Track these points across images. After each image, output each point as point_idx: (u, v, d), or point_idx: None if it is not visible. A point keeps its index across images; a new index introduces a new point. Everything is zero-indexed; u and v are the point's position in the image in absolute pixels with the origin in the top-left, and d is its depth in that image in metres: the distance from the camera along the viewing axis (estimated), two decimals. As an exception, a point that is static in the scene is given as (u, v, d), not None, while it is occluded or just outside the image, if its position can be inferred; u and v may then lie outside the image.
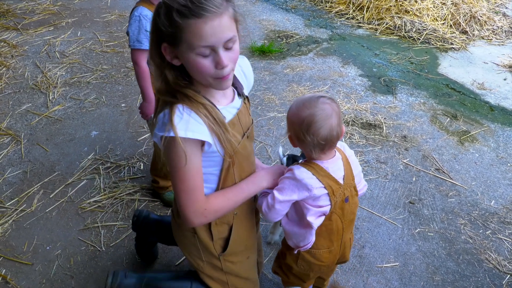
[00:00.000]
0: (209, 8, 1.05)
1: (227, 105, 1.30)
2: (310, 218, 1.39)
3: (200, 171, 1.25)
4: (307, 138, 1.31)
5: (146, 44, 2.02)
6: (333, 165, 1.39)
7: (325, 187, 1.35)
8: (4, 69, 3.72)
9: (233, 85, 1.32)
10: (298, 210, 1.43)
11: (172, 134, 1.13)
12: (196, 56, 1.11)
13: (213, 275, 1.55)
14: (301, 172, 1.35)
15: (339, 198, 1.40)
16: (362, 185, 1.53)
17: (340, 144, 1.48)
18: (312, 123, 1.30)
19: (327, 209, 1.39)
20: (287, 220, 1.49)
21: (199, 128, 1.16)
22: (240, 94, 1.36)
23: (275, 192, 1.38)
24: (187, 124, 1.15)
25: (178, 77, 1.20)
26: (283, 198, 1.36)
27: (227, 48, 1.13)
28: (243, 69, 1.43)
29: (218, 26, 1.07)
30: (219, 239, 1.47)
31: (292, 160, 2.06)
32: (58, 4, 5.10)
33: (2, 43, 4.14)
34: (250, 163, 1.43)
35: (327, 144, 1.34)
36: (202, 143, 1.20)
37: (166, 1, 1.08)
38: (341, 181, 1.40)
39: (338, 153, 1.44)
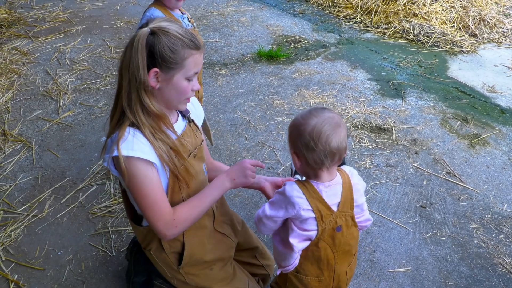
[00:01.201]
0: (201, 44, 1.33)
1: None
2: (292, 240, 1.33)
3: (158, 184, 1.31)
4: (318, 147, 1.24)
5: None
6: (329, 189, 1.33)
7: (313, 210, 1.29)
8: (15, 76, 3.76)
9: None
10: (285, 229, 1.39)
11: (116, 153, 1.23)
12: (184, 80, 1.31)
13: None
14: (292, 189, 1.31)
15: (328, 225, 1.33)
16: (364, 218, 1.44)
17: (349, 170, 1.42)
18: (322, 130, 1.25)
19: (313, 234, 1.33)
20: (277, 238, 1.45)
21: (142, 148, 1.26)
22: (185, 117, 1.49)
23: (266, 205, 1.36)
24: (132, 144, 1.25)
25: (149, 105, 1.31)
26: (270, 213, 1.34)
27: None
28: (191, 101, 1.58)
29: (202, 58, 1.36)
30: (172, 253, 1.53)
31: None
32: (68, 12, 5.17)
33: (14, 51, 4.20)
34: (198, 182, 1.49)
35: (337, 154, 1.27)
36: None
37: (170, 32, 1.26)
38: (334, 208, 1.33)
39: (340, 177, 1.36)
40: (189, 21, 2.28)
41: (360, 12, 5.23)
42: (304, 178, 1.93)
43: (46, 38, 4.48)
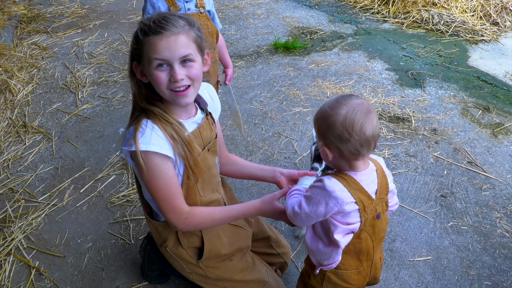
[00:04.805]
0: (166, 27, 1.19)
1: (188, 120, 1.38)
2: (337, 235, 1.27)
3: (173, 180, 1.31)
4: (353, 137, 1.17)
5: None
6: (367, 177, 1.27)
7: (356, 203, 1.23)
8: (35, 70, 3.82)
9: (196, 101, 1.43)
10: (324, 226, 1.32)
11: (134, 148, 1.22)
12: (154, 69, 1.23)
13: (208, 283, 1.62)
14: (332, 184, 1.22)
15: (370, 214, 1.28)
16: (394, 202, 1.43)
17: (375, 157, 1.38)
18: (355, 118, 1.17)
19: (356, 226, 1.28)
20: (312, 236, 1.38)
21: (159, 142, 1.25)
22: (203, 110, 1.45)
23: (302, 202, 1.28)
24: (149, 138, 1.23)
25: (141, 94, 1.31)
26: (309, 209, 1.25)
27: (184, 65, 1.24)
28: (209, 93, 1.55)
29: (173, 42, 1.20)
30: (190, 248, 1.52)
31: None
32: (86, 7, 5.22)
33: (33, 46, 4.26)
34: (211, 175, 1.49)
35: (373, 141, 1.20)
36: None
37: (141, 21, 1.25)
38: (373, 196, 1.27)
39: (373, 164, 1.31)
40: (197, 6, 2.15)
41: (377, 3, 5.14)
42: (323, 166, 1.91)
43: (65, 33, 4.53)
